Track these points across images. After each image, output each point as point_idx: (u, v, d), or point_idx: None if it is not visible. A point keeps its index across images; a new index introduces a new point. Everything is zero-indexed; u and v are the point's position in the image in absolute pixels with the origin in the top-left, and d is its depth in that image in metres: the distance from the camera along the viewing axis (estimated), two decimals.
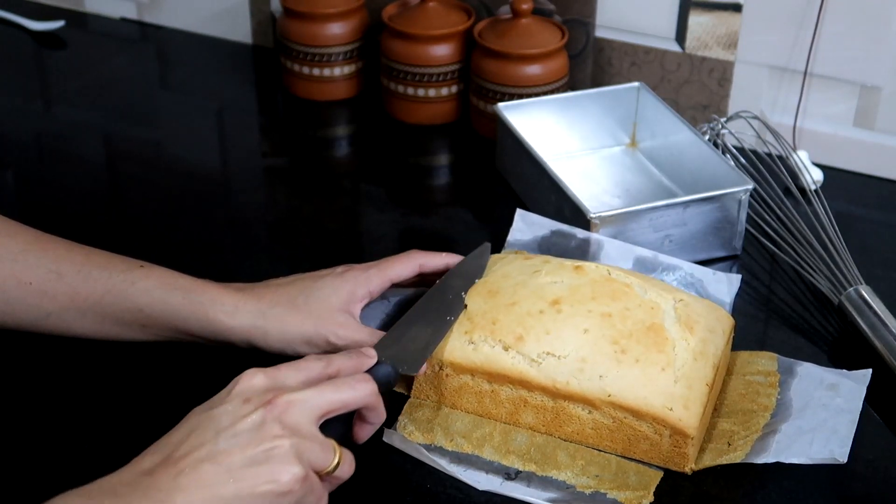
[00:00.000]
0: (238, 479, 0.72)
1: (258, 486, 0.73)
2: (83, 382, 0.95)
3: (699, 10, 1.26)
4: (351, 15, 1.35)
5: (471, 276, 0.96)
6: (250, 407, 0.75)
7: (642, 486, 0.85)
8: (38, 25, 1.53)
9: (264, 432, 0.74)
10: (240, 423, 0.74)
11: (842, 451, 0.83)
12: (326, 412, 0.77)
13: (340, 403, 0.78)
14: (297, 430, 0.75)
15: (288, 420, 0.75)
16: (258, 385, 0.77)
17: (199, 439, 0.73)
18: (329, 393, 0.78)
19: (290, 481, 0.73)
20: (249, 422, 0.74)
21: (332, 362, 0.81)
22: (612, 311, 0.90)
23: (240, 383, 0.77)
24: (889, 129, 1.23)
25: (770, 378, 0.93)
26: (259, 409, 0.75)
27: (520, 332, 0.89)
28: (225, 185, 1.26)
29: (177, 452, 0.73)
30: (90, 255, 0.92)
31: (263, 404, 0.75)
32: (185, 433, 0.74)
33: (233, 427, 0.74)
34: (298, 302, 0.91)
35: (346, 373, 0.81)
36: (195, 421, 0.75)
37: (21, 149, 1.30)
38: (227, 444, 0.73)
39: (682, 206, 1.07)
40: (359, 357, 0.83)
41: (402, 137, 1.32)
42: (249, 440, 0.73)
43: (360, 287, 0.93)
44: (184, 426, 0.75)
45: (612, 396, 0.86)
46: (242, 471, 0.72)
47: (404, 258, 0.96)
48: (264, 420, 0.74)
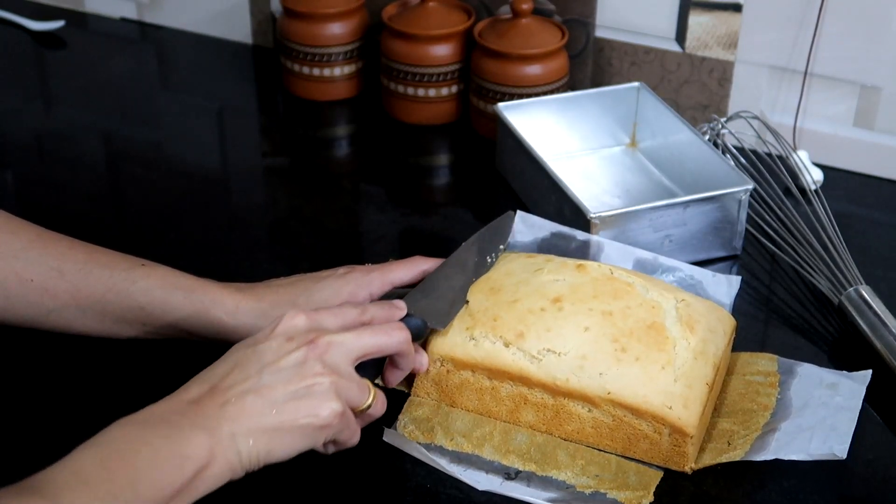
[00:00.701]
0: (280, 412, 0.76)
1: (299, 419, 0.77)
2: (83, 379, 0.95)
3: (699, 10, 1.26)
4: (351, 15, 1.35)
5: (497, 240, 0.99)
6: (293, 345, 0.79)
7: (642, 486, 0.85)
8: (38, 25, 1.53)
9: (306, 369, 0.78)
10: (283, 360, 0.78)
11: (841, 448, 0.83)
12: (363, 354, 0.82)
13: (376, 347, 0.83)
14: (336, 368, 0.79)
15: (328, 359, 0.79)
16: (300, 325, 0.81)
17: (244, 373, 0.77)
18: (367, 337, 0.82)
19: (329, 416, 0.78)
20: (292, 359, 0.78)
21: (367, 310, 0.85)
22: (614, 310, 0.90)
23: (283, 322, 0.81)
24: (889, 129, 1.23)
25: (770, 378, 0.93)
26: (302, 347, 0.79)
27: (521, 329, 0.89)
28: (225, 185, 1.26)
29: (222, 384, 0.77)
30: (92, 253, 0.92)
31: (306, 343, 0.79)
32: (229, 366, 0.78)
33: (276, 363, 0.78)
34: (299, 302, 0.91)
35: (379, 321, 0.85)
36: (240, 355, 0.79)
37: (21, 149, 1.30)
38: (271, 378, 0.77)
39: (682, 206, 1.07)
40: (391, 308, 0.87)
41: (402, 137, 1.32)
42: (292, 376, 0.77)
43: (362, 289, 0.93)
44: (228, 359, 0.79)
45: (611, 394, 0.86)
46: (285, 404, 0.77)
47: (408, 264, 0.97)
48: (306, 358, 0.78)
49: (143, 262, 0.92)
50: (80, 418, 0.91)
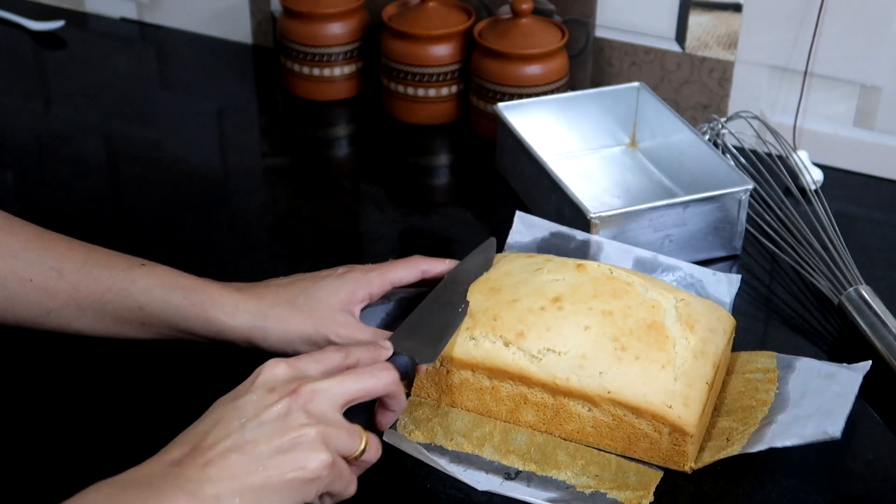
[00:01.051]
0: (266, 468, 0.73)
1: (286, 474, 0.74)
2: (83, 379, 0.95)
3: (699, 10, 1.26)
4: (351, 15, 1.35)
5: (478, 270, 0.96)
6: (275, 396, 0.76)
7: (642, 486, 0.85)
8: (38, 25, 1.53)
9: (290, 421, 0.75)
10: (265, 413, 0.75)
11: (835, 428, 0.83)
12: (350, 400, 0.79)
13: (363, 391, 0.80)
14: (322, 417, 0.76)
15: (313, 408, 0.76)
16: (281, 375, 0.78)
17: (226, 430, 0.75)
18: (351, 381, 0.79)
19: (317, 468, 0.75)
20: (275, 411, 0.75)
21: (351, 353, 0.83)
22: (613, 309, 0.90)
23: (263, 373, 0.78)
24: (889, 129, 1.23)
25: (769, 374, 0.93)
26: (284, 398, 0.76)
27: (521, 329, 0.89)
28: (225, 185, 1.26)
29: (204, 443, 0.74)
30: (91, 253, 0.92)
31: (288, 393, 0.76)
32: (210, 423, 0.76)
33: (258, 417, 0.75)
34: (299, 302, 0.91)
35: (365, 363, 0.83)
36: (220, 411, 0.76)
37: (21, 149, 1.30)
38: (254, 433, 0.74)
39: (682, 206, 1.07)
40: (376, 349, 0.85)
41: (402, 137, 1.32)
42: (275, 429, 0.75)
43: (361, 288, 0.93)
44: (209, 416, 0.76)
45: (611, 393, 0.86)
46: (270, 459, 0.74)
47: (408, 263, 0.96)
48: (290, 409, 0.76)
49: (142, 262, 0.92)
50: (80, 418, 0.91)
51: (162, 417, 0.91)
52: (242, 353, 0.92)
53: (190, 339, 0.92)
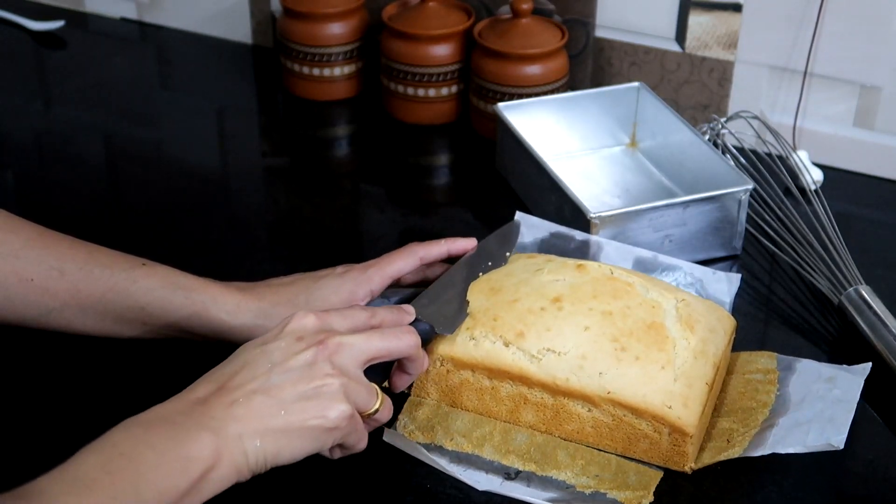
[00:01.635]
0: (289, 413, 0.76)
1: (308, 420, 0.76)
2: (84, 379, 0.95)
3: (699, 10, 1.26)
4: (351, 15, 1.35)
5: (503, 247, 0.99)
6: (303, 345, 0.78)
7: (642, 486, 0.85)
8: (38, 25, 1.53)
9: (315, 370, 0.77)
10: (292, 360, 0.77)
11: (838, 439, 0.83)
12: (373, 357, 0.81)
13: (386, 351, 0.82)
14: (345, 370, 0.78)
15: (338, 360, 0.78)
16: (310, 325, 0.80)
17: (253, 372, 0.77)
18: (377, 340, 0.81)
19: (337, 418, 0.77)
20: (302, 359, 0.77)
21: (377, 314, 0.85)
22: (613, 310, 0.90)
23: (292, 322, 0.80)
24: (889, 129, 1.23)
25: (769, 375, 0.93)
26: (311, 347, 0.78)
27: (520, 329, 0.89)
28: (225, 185, 1.26)
29: (231, 383, 0.76)
30: (92, 253, 0.92)
31: (316, 343, 0.78)
32: (238, 365, 0.77)
33: (286, 363, 0.77)
34: (299, 301, 0.91)
35: (388, 324, 0.85)
36: (249, 354, 0.78)
37: (21, 149, 1.30)
38: (280, 378, 0.76)
39: (682, 206, 1.07)
40: (399, 312, 0.87)
41: (402, 137, 1.32)
42: (301, 376, 0.77)
43: (361, 287, 0.93)
44: (237, 359, 0.78)
45: (611, 394, 0.86)
46: (293, 405, 0.76)
47: (403, 252, 0.97)
48: (316, 358, 0.78)
49: (143, 262, 0.92)
50: (80, 418, 0.91)
51: None
52: None
53: (191, 338, 0.92)
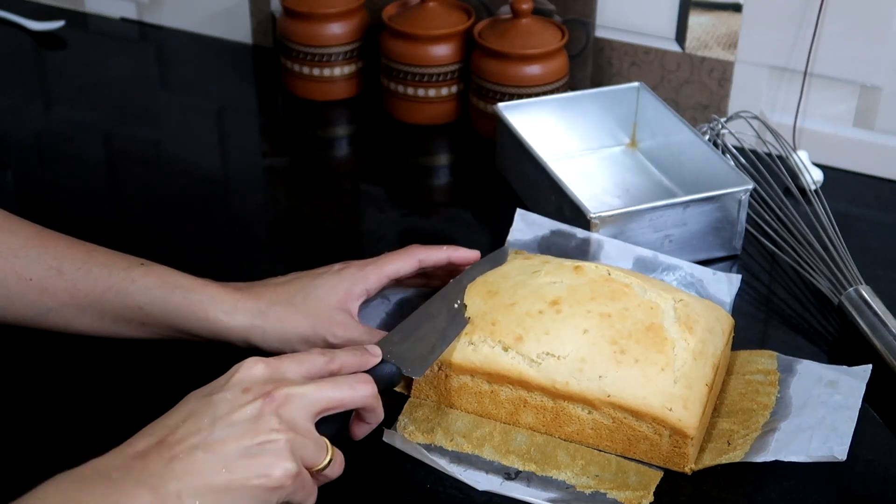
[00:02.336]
0: (231, 470, 0.72)
1: (250, 479, 0.72)
2: (82, 378, 0.95)
3: (699, 10, 1.26)
4: (351, 15, 1.35)
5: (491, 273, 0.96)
6: (249, 397, 0.75)
7: (642, 486, 0.85)
8: (38, 25, 1.53)
9: (261, 424, 0.73)
10: (237, 413, 0.74)
11: (841, 449, 0.83)
12: (324, 409, 0.77)
13: (338, 402, 0.78)
14: (293, 425, 0.75)
15: (285, 414, 0.75)
16: (258, 375, 0.77)
17: (196, 425, 0.73)
18: (328, 391, 0.77)
19: (282, 476, 0.73)
20: (247, 412, 0.74)
21: (336, 358, 0.81)
22: (612, 312, 0.90)
23: (240, 371, 0.77)
24: (889, 129, 1.23)
25: (770, 377, 0.93)
26: (257, 399, 0.74)
27: (519, 333, 0.89)
28: (225, 185, 1.26)
29: (172, 437, 0.73)
30: (91, 252, 0.92)
31: (262, 395, 0.75)
32: (181, 417, 0.74)
33: (229, 416, 0.74)
34: (296, 301, 0.91)
35: (349, 369, 0.81)
36: (192, 406, 0.75)
37: (21, 149, 1.30)
38: (223, 433, 0.73)
39: (682, 206, 1.07)
40: (363, 355, 0.83)
41: (402, 137, 1.32)
42: (245, 431, 0.73)
43: (358, 285, 0.93)
44: (181, 410, 0.75)
45: (611, 397, 0.86)
46: (236, 462, 0.72)
47: (403, 253, 0.96)
48: (262, 412, 0.74)
49: (141, 262, 0.92)
50: (79, 418, 0.91)
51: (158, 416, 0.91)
52: (240, 351, 0.92)
53: (189, 339, 0.92)
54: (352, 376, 0.80)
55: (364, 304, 0.95)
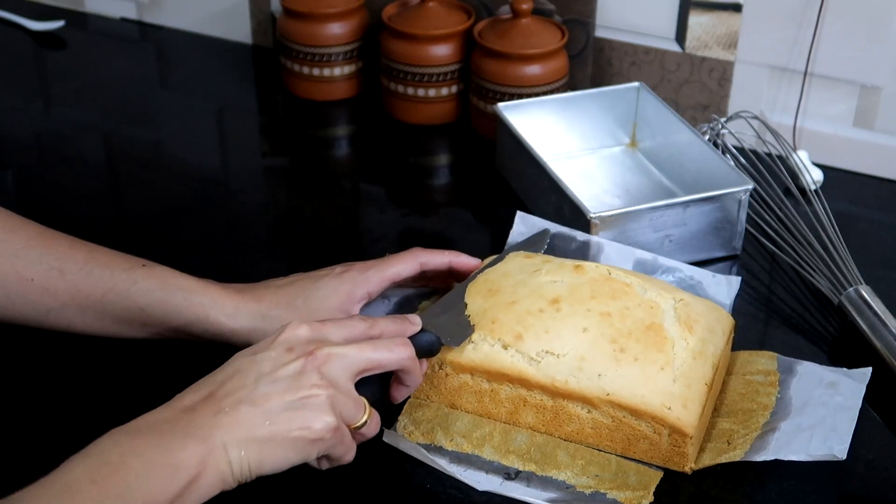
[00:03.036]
0: (274, 423, 0.75)
1: (292, 431, 0.76)
2: (82, 378, 0.95)
3: (699, 10, 1.26)
4: (351, 15, 1.35)
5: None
6: (292, 355, 0.78)
7: (642, 486, 0.85)
8: (38, 25, 1.53)
9: (303, 380, 0.77)
10: (281, 370, 0.77)
11: (841, 448, 0.83)
12: (363, 369, 0.81)
13: (377, 363, 0.81)
14: (333, 382, 0.78)
15: (326, 371, 0.78)
16: (302, 335, 0.80)
17: (241, 381, 0.77)
18: (368, 351, 0.81)
19: (322, 429, 0.77)
20: (290, 369, 0.77)
21: (377, 324, 0.84)
22: (612, 311, 0.90)
23: (285, 332, 0.80)
24: (889, 129, 1.23)
25: (770, 377, 0.93)
26: (300, 358, 0.78)
27: (519, 331, 0.89)
28: (225, 185, 1.26)
29: (219, 391, 0.76)
30: (93, 253, 0.92)
31: (305, 354, 0.78)
32: (228, 374, 0.78)
33: (274, 373, 0.77)
34: (297, 303, 0.91)
35: (389, 335, 0.84)
36: (238, 364, 0.78)
37: (21, 149, 1.30)
38: (267, 388, 0.76)
39: (682, 206, 1.07)
40: (402, 322, 0.86)
41: (402, 137, 1.32)
42: (288, 386, 0.77)
43: (359, 288, 0.93)
44: (227, 367, 0.79)
45: (610, 395, 0.86)
46: (279, 415, 0.76)
47: (405, 256, 0.96)
48: (304, 369, 0.78)
49: (143, 263, 0.92)
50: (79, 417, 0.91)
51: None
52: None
53: (190, 340, 0.92)
54: (390, 339, 0.83)
55: (365, 305, 0.95)
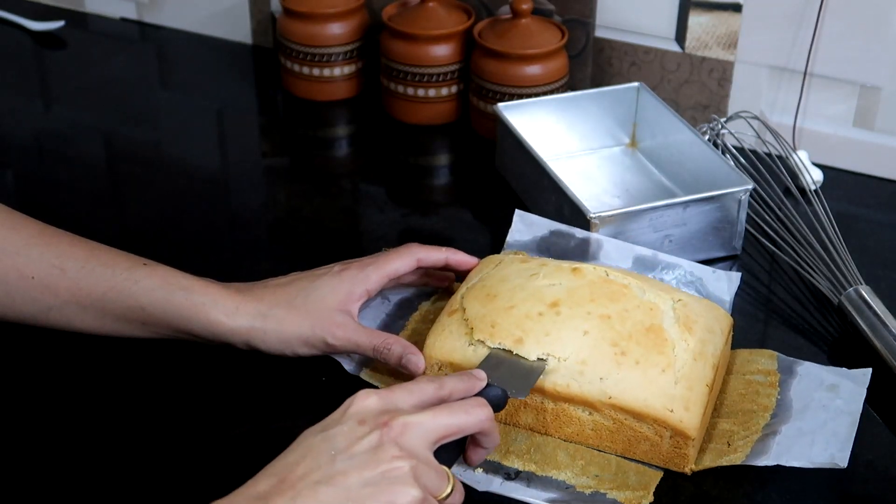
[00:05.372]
0: (356, 501, 0.71)
1: None
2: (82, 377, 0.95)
3: (699, 10, 1.26)
4: (351, 15, 1.35)
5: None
6: (366, 428, 0.74)
7: (642, 487, 0.85)
8: (38, 25, 1.53)
9: (382, 454, 0.73)
10: (356, 445, 0.73)
11: (842, 456, 0.83)
12: (442, 437, 0.77)
13: (456, 428, 0.77)
14: (413, 452, 0.74)
15: (405, 442, 0.74)
16: (372, 406, 0.76)
17: (315, 461, 0.72)
18: (445, 417, 0.77)
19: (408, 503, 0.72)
20: (366, 443, 0.73)
21: (444, 385, 0.80)
22: (611, 313, 0.89)
23: (354, 404, 0.76)
24: (889, 129, 1.23)
25: (770, 377, 0.93)
26: (375, 430, 0.74)
27: (519, 335, 0.89)
28: (225, 185, 1.26)
29: (292, 475, 0.72)
30: (94, 251, 0.92)
31: (379, 426, 0.74)
32: (299, 455, 0.73)
33: (349, 449, 0.73)
34: (297, 303, 0.91)
35: (458, 395, 0.81)
36: (309, 442, 0.74)
37: (21, 149, 1.30)
38: (344, 465, 0.72)
39: (682, 206, 1.07)
40: (469, 379, 0.82)
41: (402, 137, 1.32)
42: (366, 462, 0.72)
43: (358, 286, 0.93)
44: (297, 448, 0.74)
45: (612, 399, 0.86)
46: (360, 492, 0.71)
47: (402, 252, 0.96)
48: (381, 442, 0.73)
49: (144, 262, 0.92)
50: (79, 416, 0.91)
51: (162, 416, 0.91)
52: (242, 353, 0.92)
53: (190, 339, 0.92)
54: (466, 401, 0.79)
55: (364, 304, 0.95)
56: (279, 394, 0.93)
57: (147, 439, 0.89)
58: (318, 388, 0.94)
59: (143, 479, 0.86)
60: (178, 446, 0.88)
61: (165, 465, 0.87)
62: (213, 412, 0.92)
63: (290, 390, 0.94)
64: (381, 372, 0.94)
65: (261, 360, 0.94)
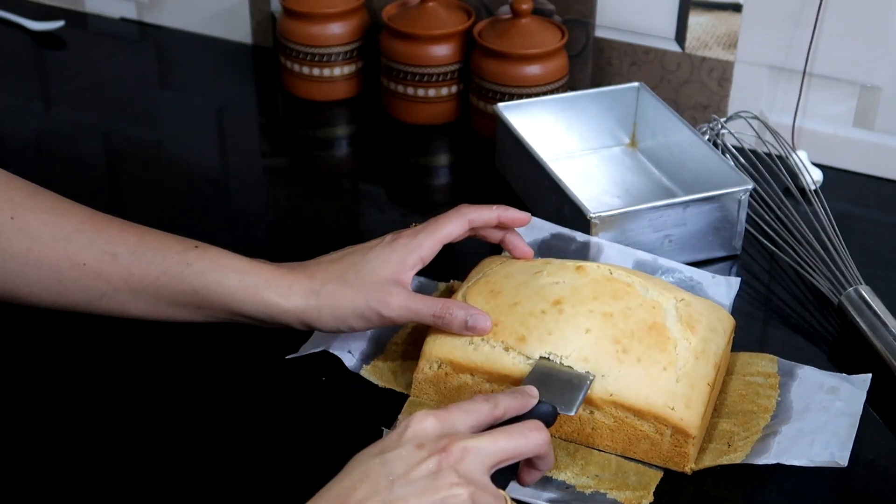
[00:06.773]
0: None
1: None
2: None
3: (699, 10, 1.26)
4: (351, 15, 1.35)
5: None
6: (424, 453, 0.73)
7: (642, 486, 0.85)
8: (38, 25, 1.53)
9: (440, 480, 0.72)
10: (415, 470, 0.72)
11: (842, 455, 0.83)
12: (500, 461, 0.76)
13: (514, 452, 0.77)
14: (472, 478, 0.73)
15: (463, 468, 0.73)
16: (430, 430, 0.75)
17: (373, 486, 0.72)
18: (504, 442, 0.76)
19: None
20: (424, 468, 0.73)
21: (498, 403, 0.80)
22: (614, 311, 0.90)
23: (410, 427, 0.75)
24: (889, 129, 1.23)
25: (770, 379, 0.93)
26: (434, 455, 0.73)
27: (522, 333, 0.89)
28: (225, 185, 1.26)
29: (351, 499, 0.71)
30: (144, 236, 0.91)
31: (438, 451, 0.73)
32: (356, 479, 0.72)
33: (408, 474, 0.72)
34: (349, 277, 0.90)
35: (511, 413, 0.80)
36: (366, 467, 0.73)
37: (21, 149, 1.30)
38: (403, 491, 0.71)
39: (682, 206, 1.07)
40: (523, 397, 0.82)
41: (402, 137, 1.32)
42: (425, 488, 0.72)
43: (411, 254, 0.91)
44: (354, 471, 0.73)
45: (613, 396, 0.86)
46: None
47: (452, 216, 0.94)
48: (440, 467, 0.73)
49: (196, 244, 0.91)
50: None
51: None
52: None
53: (244, 321, 0.91)
54: (523, 424, 0.79)
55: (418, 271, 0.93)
56: (279, 394, 0.93)
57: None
58: (318, 388, 0.94)
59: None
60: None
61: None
62: (213, 412, 0.92)
63: (291, 390, 0.94)
64: (381, 370, 0.94)
65: (261, 360, 0.94)
